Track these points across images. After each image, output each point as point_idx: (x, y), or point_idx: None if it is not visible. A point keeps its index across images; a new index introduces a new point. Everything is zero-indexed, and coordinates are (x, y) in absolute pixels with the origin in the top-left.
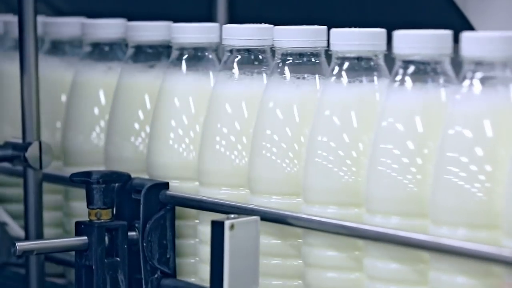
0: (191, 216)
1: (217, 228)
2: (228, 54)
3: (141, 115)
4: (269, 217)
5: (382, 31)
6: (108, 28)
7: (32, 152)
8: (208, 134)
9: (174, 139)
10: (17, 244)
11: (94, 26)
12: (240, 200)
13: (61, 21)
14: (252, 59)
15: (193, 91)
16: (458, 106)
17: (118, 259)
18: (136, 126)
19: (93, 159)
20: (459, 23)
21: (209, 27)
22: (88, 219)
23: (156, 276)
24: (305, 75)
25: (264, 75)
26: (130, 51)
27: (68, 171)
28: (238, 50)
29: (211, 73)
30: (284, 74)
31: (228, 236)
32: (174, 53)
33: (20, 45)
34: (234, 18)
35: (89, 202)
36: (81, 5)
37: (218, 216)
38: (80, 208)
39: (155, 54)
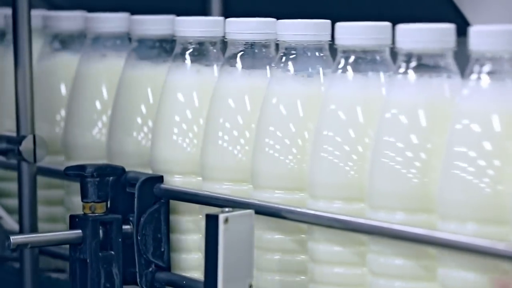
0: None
1: (211, 222)
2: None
3: (98, 104)
4: (264, 211)
5: (327, 22)
6: (68, 20)
7: (26, 146)
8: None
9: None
10: (11, 237)
11: (55, 18)
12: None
13: None
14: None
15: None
16: (394, 94)
17: (112, 252)
18: (95, 115)
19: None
20: (455, 18)
21: (168, 20)
22: (83, 213)
23: (150, 269)
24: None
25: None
26: (89, 41)
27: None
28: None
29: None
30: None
31: (222, 230)
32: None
33: (14, 39)
34: (229, 12)
35: (84, 195)
36: None
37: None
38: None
39: (112, 44)
